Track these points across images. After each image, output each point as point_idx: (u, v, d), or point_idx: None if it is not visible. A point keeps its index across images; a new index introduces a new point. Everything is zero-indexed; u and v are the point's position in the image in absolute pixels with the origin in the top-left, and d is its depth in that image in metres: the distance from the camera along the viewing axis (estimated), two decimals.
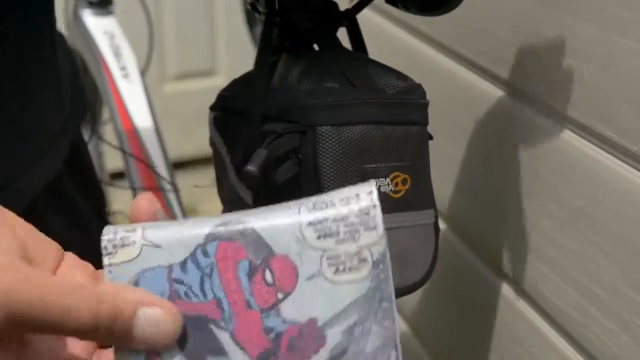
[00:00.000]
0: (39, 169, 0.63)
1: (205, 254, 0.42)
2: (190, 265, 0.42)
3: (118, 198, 1.30)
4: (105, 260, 0.42)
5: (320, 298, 0.41)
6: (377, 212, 0.42)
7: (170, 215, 1.15)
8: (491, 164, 0.80)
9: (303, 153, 0.62)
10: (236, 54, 2.23)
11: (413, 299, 0.97)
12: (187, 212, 1.21)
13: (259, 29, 1.15)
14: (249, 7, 0.83)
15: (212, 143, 0.74)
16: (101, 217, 0.79)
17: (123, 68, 1.31)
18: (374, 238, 0.41)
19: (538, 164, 0.73)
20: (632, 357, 0.63)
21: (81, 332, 0.40)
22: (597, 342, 0.67)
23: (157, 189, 1.18)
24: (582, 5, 0.66)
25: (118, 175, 1.40)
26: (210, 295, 0.42)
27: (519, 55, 0.75)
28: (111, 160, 1.48)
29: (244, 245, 0.42)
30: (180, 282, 0.42)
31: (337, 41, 0.69)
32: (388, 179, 0.62)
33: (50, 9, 0.64)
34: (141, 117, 1.26)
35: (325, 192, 0.61)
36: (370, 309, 0.41)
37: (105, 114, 1.34)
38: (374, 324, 0.41)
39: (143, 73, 1.33)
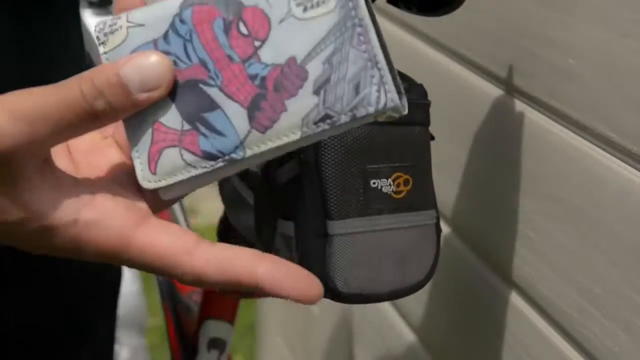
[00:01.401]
0: None
1: (183, 21, 0.44)
2: (171, 35, 0.45)
3: None
4: (101, 49, 0.45)
5: (295, 37, 0.43)
6: None
7: (172, 219, 1.15)
8: (490, 164, 0.80)
9: (305, 153, 0.62)
10: None
11: (414, 299, 0.97)
12: (188, 212, 1.21)
13: None
14: None
15: None
16: None
17: None
18: None
19: (537, 163, 0.73)
20: (632, 357, 0.63)
21: (93, 111, 0.42)
22: (597, 342, 0.67)
23: None
24: (582, 5, 0.66)
25: None
26: (194, 59, 0.44)
27: (519, 55, 0.75)
28: None
29: (215, 5, 0.44)
30: (167, 52, 0.44)
31: None
32: (390, 180, 0.62)
33: (76, 8, 0.65)
34: None
35: (327, 192, 0.62)
36: (344, 36, 0.42)
37: None
38: (351, 49, 0.42)
39: None
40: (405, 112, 0.44)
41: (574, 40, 0.67)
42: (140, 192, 0.46)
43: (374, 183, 0.62)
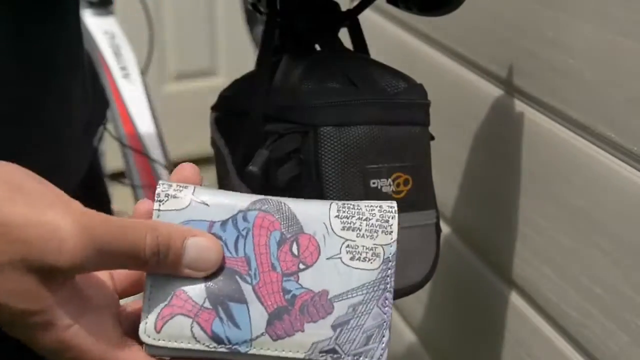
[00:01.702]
0: (72, 163, 0.64)
1: (245, 219, 0.48)
2: (230, 225, 0.48)
3: (118, 197, 1.30)
4: (156, 205, 0.48)
5: (335, 276, 0.48)
6: (395, 222, 0.49)
7: None
8: (490, 164, 0.80)
9: (305, 153, 0.62)
10: (236, 54, 2.23)
11: (414, 299, 0.97)
12: None
13: (259, 29, 1.16)
14: (249, 7, 0.83)
15: (214, 143, 0.74)
16: None
17: (123, 68, 1.31)
18: (388, 240, 0.49)
19: (537, 163, 0.73)
20: (632, 357, 0.63)
21: (145, 261, 0.45)
22: (597, 342, 0.67)
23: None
24: (582, 5, 0.66)
25: (118, 176, 1.40)
26: (241, 253, 0.48)
27: (519, 55, 0.75)
28: (111, 160, 1.48)
29: (279, 219, 0.49)
30: (218, 237, 0.48)
31: (338, 42, 0.69)
32: (390, 180, 0.62)
33: (76, 9, 0.65)
34: (141, 117, 1.26)
35: (327, 192, 0.62)
36: (375, 294, 0.48)
37: None
38: (376, 307, 0.48)
39: (143, 73, 1.33)
40: None
41: (574, 40, 0.67)
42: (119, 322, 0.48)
43: (374, 183, 0.62)
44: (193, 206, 0.48)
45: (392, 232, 0.49)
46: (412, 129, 0.64)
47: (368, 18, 0.75)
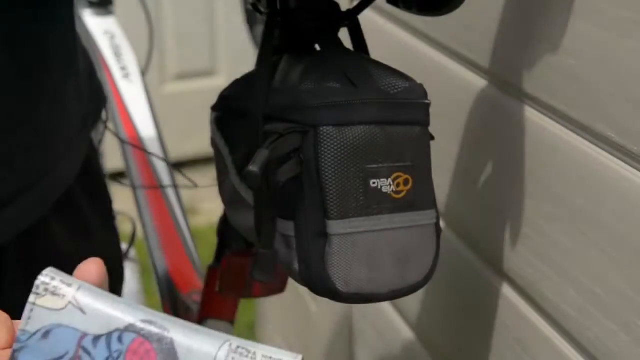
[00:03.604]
0: (67, 162, 0.63)
1: (120, 340, 0.43)
2: (102, 342, 0.43)
3: (118, 197, 1.30)
4: (32, 298, 0.44)
5: None
6: None
7: (171, 219, 1.15)
8: (490, 164, 0.80)
9: (305, 153, 0.62)
10: (236, 54, 2.23)
11: (414, 299, 0.97)
12: (188, 212, 1.21)
13: (259, 29, 1.16)
14: (249, 6, 0.84)
15: (214, 143, 0.74)
16: (107, 224, 0.79)
17: (123, 68, 1.31)
18: None
19: (537, 163, 0.73)
20: (632, 357, 0.63)
21: None
22: (597, 342, 0.67)
23: (157, 187, 1.18)
24: (581, 5, 0.66)
25: (118, 176, 1.40)
26: None
27: (519, 55, 0.75)
28: (111, 161, 1.48)
29: (156, 350, 0.43)
30: (87, 352, 0.43)
31: (338, 41, 0.69)
32: (390, 179, 0.62)
33: (70, 8, 0.65)
34: (141, 117, 1.26)
35: (327, 192, 0.62)
36: None
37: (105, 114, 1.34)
38: None
39: (143, 73, 1.33)
40: None
41: (574, 40, 0.67)
42: None
43: (374, 183, 0.62)
44: (69, 310, 0.43)
45: None
46: (412, 129, 0.64)
47: (368, 18, 0.75)
